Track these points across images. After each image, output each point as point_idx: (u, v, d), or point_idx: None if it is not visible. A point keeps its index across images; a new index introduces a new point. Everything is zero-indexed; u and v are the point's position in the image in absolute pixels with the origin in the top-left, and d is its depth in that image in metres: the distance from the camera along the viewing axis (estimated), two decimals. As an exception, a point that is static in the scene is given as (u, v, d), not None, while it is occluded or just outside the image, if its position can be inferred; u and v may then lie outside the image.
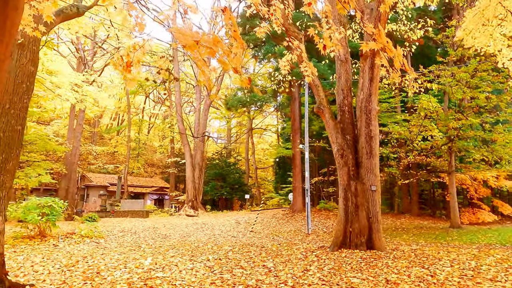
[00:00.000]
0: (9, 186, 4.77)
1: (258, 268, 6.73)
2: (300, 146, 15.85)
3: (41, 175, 20.59)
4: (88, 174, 38.92)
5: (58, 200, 11.12)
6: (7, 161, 4.76)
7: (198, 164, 25.58)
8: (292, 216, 19.15)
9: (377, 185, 9.31)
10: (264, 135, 51.60)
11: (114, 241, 10.94)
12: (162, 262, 7.10)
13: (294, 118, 20.95)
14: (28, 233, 10.37)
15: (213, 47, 2.67)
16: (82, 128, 32.31)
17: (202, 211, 23.50)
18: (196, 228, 15.21)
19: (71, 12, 6.63)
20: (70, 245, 9.82)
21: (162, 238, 12.00)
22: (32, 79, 5.33)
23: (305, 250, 9.16)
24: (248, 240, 11.87)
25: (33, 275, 5.81)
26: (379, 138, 10.07)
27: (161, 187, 39.75)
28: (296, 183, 20.60)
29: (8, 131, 4.86)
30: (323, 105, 9.96)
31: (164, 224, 16.02)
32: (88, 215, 19.33)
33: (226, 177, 32.97)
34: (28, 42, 5.31)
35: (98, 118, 55.57)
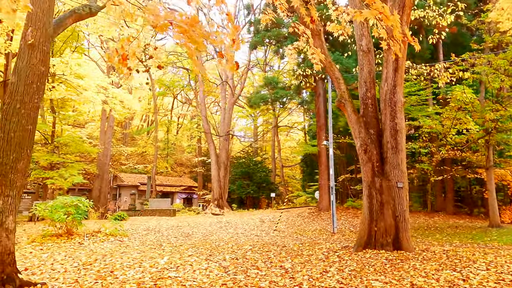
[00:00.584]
0: (20, 185, 4.82)
1: (274, 269, 6.47)
2: (324, 143, 15.37)
3: (73, 175, 21.41)
4: (120, 174, 40.23)
5: (84, 199, 11.41)
6: (17, 160, 4.81)
7: (223, 163, 25.63)
8: (318, 215, 18.68)
9: (404, 182, 8.75)
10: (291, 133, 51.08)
11: (138, 239, 11.07)
12: (178, 262, 7.01)
13: (319, 114, 20.41)
14: (56, 231, 10.71)
15: (190, 28, 2.45)
16: (112, 130, 33.40)
17: (227, 210, 23.52)
18: (220, 226, 15.16)
19: (84, 13, 6.66)
20: (94, 243, 10.02)
21: (185, 236, 12.01)
22: (42, 79, 5.38)
23: (327, 250, 8.78)
24: (271, 239, 11.62)
25: (50, 273, 5.90)
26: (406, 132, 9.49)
27: (189, 186, 40.40)
28: (322, 180, 20.08)
29: (19, 131, 4.91)
30: (345, 99, 9.50)
31: (188, 223, 16.11)
32: (117, 214, 19.89)
33: (252, 175, 32.88)
34: (39, 43, 5.36)
35: (129, 120, 57.43)
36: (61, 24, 6.23)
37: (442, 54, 19.54)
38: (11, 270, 4.49)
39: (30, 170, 23.78)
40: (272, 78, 18.81)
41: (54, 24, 6.09)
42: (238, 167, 34.05)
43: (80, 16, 6.63)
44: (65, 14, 6.40)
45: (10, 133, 4.84)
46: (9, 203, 4.61)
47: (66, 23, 6.32)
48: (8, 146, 4.77)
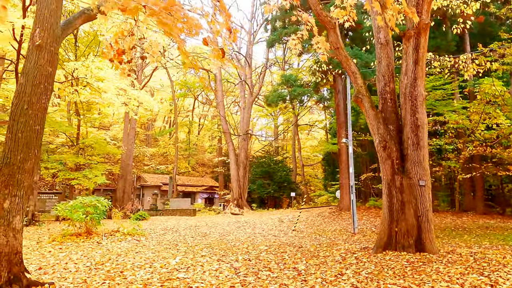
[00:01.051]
0: (27, 185, 4.84)
1: (287, 271, 6.24)
2: (343, 141, 14.93)
3: (97, 176, 21.94)
4: (143, 175, 41.04)
5: (103, 199, 11.58)
6: (25, 160, 4.83)
7: (242, 162, 25.54)
8: (339, 215, 18.21)
9: (427, 180, 8.28)
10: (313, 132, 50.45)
11: (155, 239, 11.11)
12: (189, 262, 6.91)
13: (338, 112, 19.91)
14: (76, 230, 10.92)
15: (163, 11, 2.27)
16: (135, 132, 34.10)
17: (247, 210, 23.40)
18: (238, 226, 15.04)
19: (93, 13, 6.66)
20: (112, 242, 10.13)
21: (202, 236, 11.96)
22: (50, 80, 5.40)
23: (345, 251, 8.45)
24: (288, 239, 11.37)
25: (61, 272, 5.94)
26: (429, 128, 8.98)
27: (210, 186, 40.67)
28: (343, 179, 19.58)
29: (27, 131, 4.94)
30: (362, 94, 9.11)
31: (206, 223, 16.10)
32: (138, 214, 20.21)
33: (273, 175, 32.63)
34: (46, 44, 5.38)
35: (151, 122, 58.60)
36: (70, 25, 6.26)
37: (469, 45, 18.55)
38: (18, 269, 4.51)
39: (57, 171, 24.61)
40: (289, 76, 18.50)
41: (62, 25, 6.12)
42: (259, 166, 33.90)
43: (89, 17, 6.63)
44: (74, 15, 6.42)
45: (17, 133, 4.87)
46: (16, 203, 4.63)
47: (75, 24, 6.35)
48: (15, 147, 4.81)
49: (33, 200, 15.75)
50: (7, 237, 4.45)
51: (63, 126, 24.06)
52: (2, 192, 4.55)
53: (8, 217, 4.51)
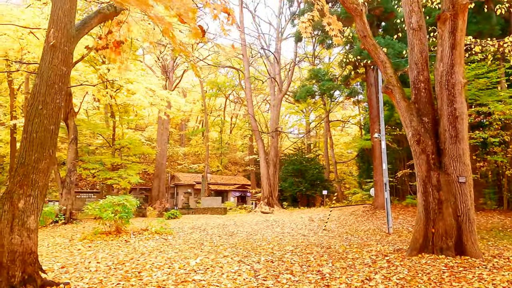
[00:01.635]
0: (42, 185, 4.85)
1: (310, 274, 5.86)
2: (376, 135, 14.15)
3: (131, 176, 22.61)
4: (177, 174, 41.94)
5: (132, 198, 11.76)
6: (39, 160, 4.85)
7: (272, 160, 25.22)
8: (373, 213, 17.38)
9: (467, 176, 7.51)
10: (346, 128, 49.06)
11: (182, 237, 11.10)
12: (210, 263, 6.73)
13: (371, 106, 19.00)
14: (106, 229, 11.17)
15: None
16: (168, 132, 34.86)
17: (277, 208, 23.06)
18: (266, 225, 14.76)
19: (109, 12, 6.64)
20: (140, 241, 10.22)
21: (228, 235, 11.80)
22: (64, 79, 5.40)
23: (376, 253, 7.89)
24: (317, 239, 10.91)
25: (81, 272, 5.97)
26: (471, 119, 8.15)
27: (242, 185, 40.76)
28: (377, 176, 18.67)
29: (41, 131, 4.96)
30: (392, 84, 8.46)
31: (235, 221, 15.96)
32: (170, 212, 20.53)
33: (305, 173, 32.01)
34: (60, 44, 5.38)
35: (185, 122, 59.83)
36: (86, 25, 6.26)
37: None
38: (32, 269, 4.52)
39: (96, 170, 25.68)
40: (318, 70, 17.90)
41: (78, 26, 6.13)
42: (290, 164, 33.40)
43: (105, 16, 6.61)
44: (90, 15, 6.43)
45: (32, 133, 4.90)
46: (31, 203, 4.65)
47: (91, 23, 6.34)
48: (30, 147, 4.84)
49: (70, 199, 16.45)
50: (21, 236, 4.47)
51: (99, 128, 25.05)
52: (17, 192, 4.59)
53: (22, 217, 4.54)
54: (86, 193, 27.05)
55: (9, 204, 4.52)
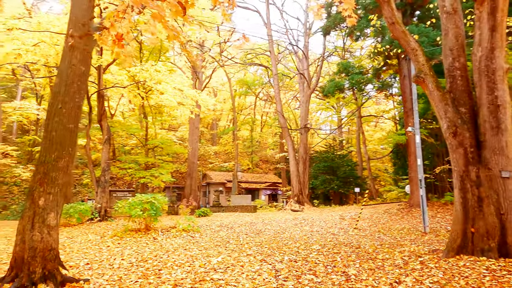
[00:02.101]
0: (62, 182, 4.93)
1: (334, 276, 5.55)
2: (409, 129, 13.37)
3: (163, 174, 23.11)
4: (208, 172, 42.54)
5: (160, 196, 11.93)
6: (59, 158, 4.93)
7: (301, 157, 24.77)
8: (408, 211, 16.53)
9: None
10: (381, 123, 47.38)
11: (208, 235, 11.10)
12: (231, 261, 6.59)
13: (405, 98, 18.04)
14: (136, 226, 11.41)
15: None
16: (198, 131, 35.36)
17: (308, 206, 22.61)
18: (295, 224, 14.46)
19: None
20: (167, 238, 10.33)
21: (255, 233, 11.66)
22: (83, 78, 5.46)
23: (409, 254, 7.39)
24: (347, 238, 10.48)
25: (104, 268, 6.05)
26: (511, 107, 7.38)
27: (273, 183, 40.57)
28: (413, 173, 17.73)
29: (60, 130, 5.04)
30: (424, 73, 7.87)
31: (263, 219, 15.80)
32: (201, 210, 20.76)
33: (336, 170, 31.23)
34: (79, 43, 5.45)
35: (216, 121, 60.61)
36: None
37: None
38: (52, 266, 4.60)
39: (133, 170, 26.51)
40: (346, 64, 17.26)
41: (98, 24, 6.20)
42: (321, 161, 32.73)
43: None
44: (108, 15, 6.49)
45: (51, 132, 4.99)
46: (51, 200, 4.74)
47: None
48: (49, 145, 4.93)
49: (105, 197, 17.06)
50: (41, 233, 4.56)
51: (133, 129, 25.85)
52: (38, 189, 4.69)
53: (43, 214, 4.63)
54: (122, 192, 28.07)
55: (30, 202, 4.63)
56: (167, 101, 15.62)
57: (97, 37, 3.59)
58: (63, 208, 14.11)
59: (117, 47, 3.55)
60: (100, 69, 17.84)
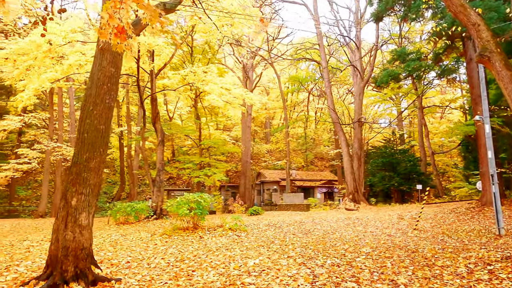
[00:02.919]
0: (93, 183, 5.02)
1: (379, 284, 4.93)
2: (476, 118, 11.80)
3: (215, 174, 23.56)
4: (262, 171, 42.67)
5: (207, 195, 12.03)
6: (90, 159, 5.03)
7: (356, 153, 23.49)
8: (479, 211, 14.70)
9: None
10: (448, 114, 43.43)
11: (255, 234, 10.90)
12: (268, 264, 6.26)
13: (472, 84, 16.06)
14: (184, 225, 11.63)
15: None
16: (250, 130, 35.57)
17: (364, 205, 21.35)
18: (347, 223, 13.64)
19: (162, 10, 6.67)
20: (213, 237, 10.33)
21: (303, 233, 11.18)
22: (113, 80, 5.54)
23: (476, 261, 6.40)
24: (404, 241, 9.54)
25: (141, 268, 6.10)
26: None
27: (329, 180, 39.39)
28: (484, 167, 15.72)
29: (91, 131, 5.14)
30: (490, 50, 6.76)
31: (313, 219, 15.18)
32: (252, 209, 20.75)
33: (396, 166, 29.17)
34: (108, 46, 5.53)
35: (269, 120, 60.68)
36: (139, 23, 6.38)
37: None
38: (84, 265, 4.69)
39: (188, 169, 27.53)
40: (401, 50, 15.83)
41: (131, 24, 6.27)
42: (379, 157, 30.84)
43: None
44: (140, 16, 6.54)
45: (83, 133, 5.12)
46: (82, 200, 4.84)
47: (143, 23, 6.45)
48: (82, 146, 5.05)
49: (160, 196, 17.78)
50: (74, 233, 4.67)
51: (187, 130, 26.77)
52: (70, 190, 4.82)
53: (75, 214, 4.74)
54: (180, 191, 29.28)
55: (64, 202, 4.78)
56: (214, 101, 15.77)
57: (97, 30, 3.52)
58: (121, 206, 14.98)
59: (120, 40, 3.46)
60: (152, 74, 18.65)
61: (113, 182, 42.61)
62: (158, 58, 21.49)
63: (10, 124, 23.75)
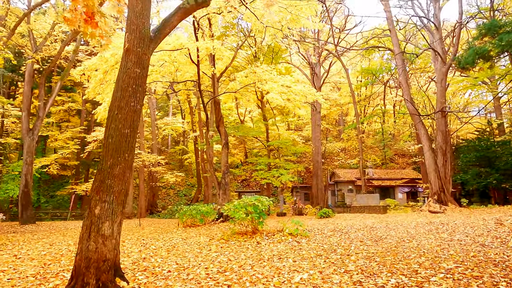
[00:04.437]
0: (118, 190, 4.78)
1: (456, 319, 3.72)
2: None
3: (283, 175, 22.94)
4: (336, 170, 40.80)
5: (266, 198, 11.47)
6: (114, 165, 4.80)
7: (440, 148, 20.57)
8: None
9: None
10: None
11: (316, 241, 9.96)
12: (316, 281, 5.38)
13: None
14: (242, 229, 11.22)
15: None
16: (319, 128, 34.13)
17: (452, 206, 18.49)
18: (429, 229, 11.76)
19: (189, 5, 6.33)
20: (270, 244, 9.70)
21: (374, 241, 9.87)
22: (139, 81, 5.28)
23: None
24: (501, 253, 7.68)
25: (177, 279, 5.73)
26: None
27: (411, 179, 35.90)
28: None
29: (116, 136, 4.93)
30: None
31: (388, 223, 13.50)
32: (322, 211, 19.62)
33: (495, 160, 25.00)
34: (133, 46, 5.31)
35: (343, 116, 58.06)
36: (167, 23, 6.11)
37: None
38: (106, 277, 4.44)
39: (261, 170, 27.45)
40: (491, 23, 13.18)
41: (159, 26, 6.02)
42: (471, 151, 26.83)
43: (186, 11, 6.34)
44: (171, 13, 6.26)
45: (108, 139, 4.92)
46: (106, 209, 4.62)
47: (171, 21, 6.16)
48: (106, 152, 4.86)
49: (226, 199, 17.82)
50: (96, 243, 4.47)
51: (254, 131, 26.69)
52: (94, 198, 4.64)
53: (98, 223, 4.54)
54: (250, 193, 29.39)
55: (88, 211, 4.62)
56: (274, 100, 15.16)
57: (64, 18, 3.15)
58: (187, 209, 15.28)
59: (91, 27, 3.05)
60: (214, 78, 18.85)
61: (192, 185, 44.98)
62: (221, 62, 21.72)
63: (98, 135, 26.44)
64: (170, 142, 54.52)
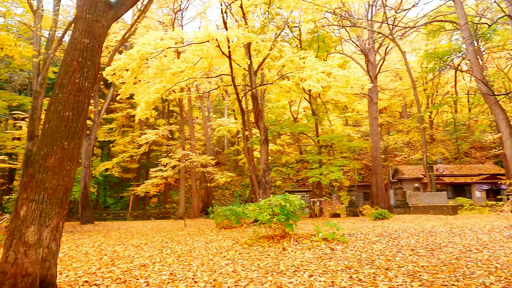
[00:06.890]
0: (51, 186, 3.80)
1: None
2: None
3: (333, 172, 20.98)
4: (400, 167, 37.19)
5: (294, 197, 10.01)
6: (47, 156, 3.90)
7: (525, 134, 16.81)
8: None
9: None
10: None
11: (354, 249, 8.22)
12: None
13: None
14: (269, 232, 9.93)
15: None
16: (377, 121, 31.13)
17: (545, 206, 14.89)
18: (507, 236, 9.19)
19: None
20: (297, 250, 8.23)
21: (428, 250, 7.84)
22: (87, 54, 4.32)
23: None
24: None
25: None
26: None
27: (492, 175, 31.21)
28: None
29: (54, 120, 4.03)
30: None
31: (453, 226, 11.02)
32: (377, 212, 17.45)
33: None
34: (82, 11, 4.37)
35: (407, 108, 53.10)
36: None
37: None
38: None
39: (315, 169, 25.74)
40: None
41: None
42: None
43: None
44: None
45: (45, 124, 4.02)
46: (32, 210, 3.69)
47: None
48: (41, 140, 3.96)
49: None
50: (16, 253, 3.56)
51: (300, 127, 25.07)
52: (21, 196, 3.75)
53: (21, 228, 3.62)
54: (300, 192, 27.69)
55: (14, 212, 3.74)
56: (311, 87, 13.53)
57: None
58: (221, 210, 14.34)
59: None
60: (251, 70, 17.77)
61: (246, 185, 44.53)
62: (261, 55, 20.62)
63: (148, 137, 27.07)
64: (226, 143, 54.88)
